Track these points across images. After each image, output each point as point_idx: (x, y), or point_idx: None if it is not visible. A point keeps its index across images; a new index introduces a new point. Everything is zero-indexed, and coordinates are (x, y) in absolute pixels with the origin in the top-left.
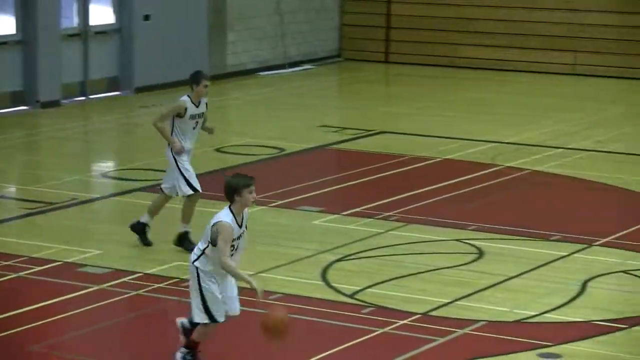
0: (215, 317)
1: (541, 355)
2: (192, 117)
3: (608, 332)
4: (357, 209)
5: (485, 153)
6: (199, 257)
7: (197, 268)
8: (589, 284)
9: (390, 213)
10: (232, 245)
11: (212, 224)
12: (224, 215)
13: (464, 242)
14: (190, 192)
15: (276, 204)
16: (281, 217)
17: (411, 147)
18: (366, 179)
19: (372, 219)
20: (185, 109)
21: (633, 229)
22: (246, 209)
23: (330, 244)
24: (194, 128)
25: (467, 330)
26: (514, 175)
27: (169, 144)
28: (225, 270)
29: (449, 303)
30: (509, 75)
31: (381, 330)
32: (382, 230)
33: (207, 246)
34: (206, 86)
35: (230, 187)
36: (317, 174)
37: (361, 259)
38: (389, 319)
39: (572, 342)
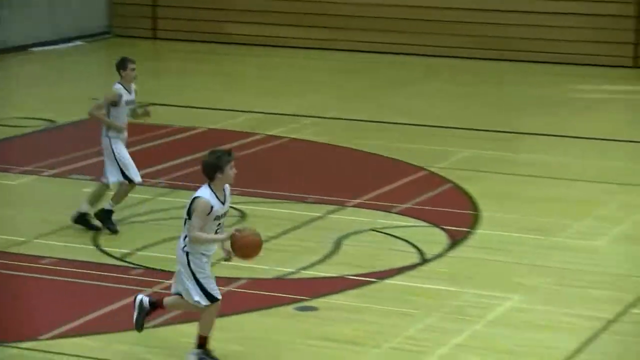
0: (213, 294)
1: (298, 308)
2: (127, 103)
3: (359, 286)
4: None
5: (246, 123)
6: (184, 241)
7: (187, 253)
8: (343, 242)
9: (159, 180)
10: (219, 224)
11: (189, 203)
12: (202, 192)
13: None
14: (123, 180)
15: (48, 173)
16: (53, 186)
17: (178, 118)
18: (136, 149)
19: (141, 186)
20: (120, 96)
21: (381, 190)
22: (227, 186)
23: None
24: (128, 115)
25: (230, 287)
26: (273, 143)
27: (107, 130)
28: (200, 243)
29: (214, 263)
30: (270, 51)
31: (150, 290)
32: (151, 197)
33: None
34: (133, 69)
35: (212, 164)
36: (88, 145)
37: (131, 223)
38: (157, 280)
39: (327, 296)
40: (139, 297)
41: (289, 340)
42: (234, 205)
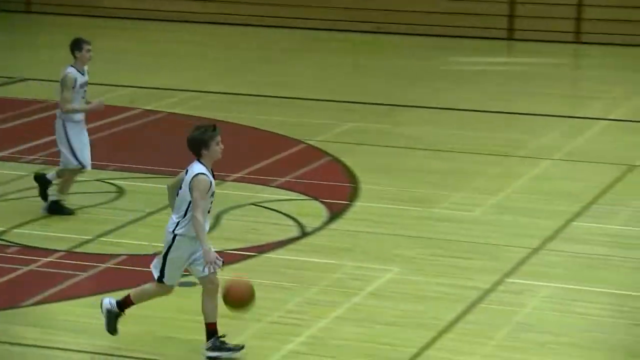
0: (165, 276)
1: (182, 284)
2: (82, 86)
3: (240, 260)
4: (2, 154)
5: (124, 97)
6: (178, 223)
7: (175, 236)
8: (222, 216)
9: (35, 156)
10: (211, 201)
11: (189, 180)
12: (199, 168)
13: (105, 182)
14: (76, 165)
15: None
16: None
17: (54, 93)
18: (9, 125)
19: (16, 163)
20: (75, 80)
21: (261, 164)
22: None
23: None
24: (82, 97)
25: (109, 264)
26: (151, 118)
27: (61, 113)
28: (197, 228)
29: (91, 240)
30: (149, 24)
31: (27, 268)
32: (27, 173)
33: (189, 207)
34: (89, 50)
35: (197, 140)
36: None
37: (6, 200)
38: (34, 257)
39: None
40: (105, 301)
41: (168, 316)
42: (112, 181)
